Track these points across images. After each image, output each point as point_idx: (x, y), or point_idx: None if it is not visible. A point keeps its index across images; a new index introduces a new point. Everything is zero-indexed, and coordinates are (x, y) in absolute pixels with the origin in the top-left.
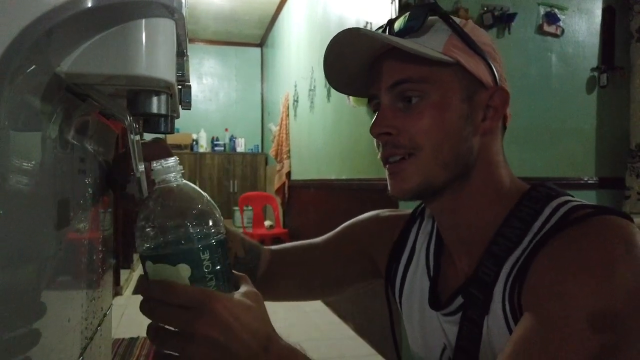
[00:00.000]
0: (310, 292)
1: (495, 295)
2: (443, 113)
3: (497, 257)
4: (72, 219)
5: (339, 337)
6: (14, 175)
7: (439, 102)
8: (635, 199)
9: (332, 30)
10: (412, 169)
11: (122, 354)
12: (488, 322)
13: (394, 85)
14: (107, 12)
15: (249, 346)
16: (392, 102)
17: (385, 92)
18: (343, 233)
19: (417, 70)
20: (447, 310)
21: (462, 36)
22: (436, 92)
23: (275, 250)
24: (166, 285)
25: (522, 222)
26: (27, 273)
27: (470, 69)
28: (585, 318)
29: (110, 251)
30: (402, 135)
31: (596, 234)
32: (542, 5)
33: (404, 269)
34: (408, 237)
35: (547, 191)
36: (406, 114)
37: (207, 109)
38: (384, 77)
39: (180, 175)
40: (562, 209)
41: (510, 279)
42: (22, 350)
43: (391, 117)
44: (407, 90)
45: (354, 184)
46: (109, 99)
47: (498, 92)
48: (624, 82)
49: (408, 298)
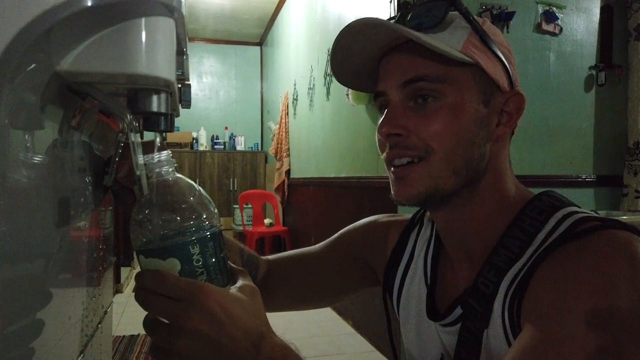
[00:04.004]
0: (308, 301)
1: (495, 308)
2: (458, 116)
3: (497, 268)
4: (73, 217)
5: (338, 333)
6: (14, 173)
7: (455, 104)
8: (632, 197)
9: (331, 29)
10: (421, 174)
11: (123, 351)
12: (488, 334)
13: (407, 82)
14: (107, 11)
15: (239, 342)
16: (403, 100)
17: (396, 89)
18: (340, 240)
19: (433, 69)
20: (446, 321)
21: (481, 35)
22: (452, 93)
23: (272, 261)
24: (157, 275)
25: (525, 233)
26: (28, 271)
27: (489, 71)
28: (586, 337)
29: (111, 249)
30: (412, 137)
31: (600, 250)
32: (540, 3)
33: (402, 276)
34: (407, 243)
35: (551, 201)
36: (418, 114)
37: (207, 107)
38: (396, 74)
39: (172, 169)
40: (567, 221)
41: (510, 292)
42: (24, 347)
43: (402, 117)
44: (421, 89)
45: (353, 181)
46: (109, 97)
47: (514, 97)
48: (622, 80)
49: (405, 306)
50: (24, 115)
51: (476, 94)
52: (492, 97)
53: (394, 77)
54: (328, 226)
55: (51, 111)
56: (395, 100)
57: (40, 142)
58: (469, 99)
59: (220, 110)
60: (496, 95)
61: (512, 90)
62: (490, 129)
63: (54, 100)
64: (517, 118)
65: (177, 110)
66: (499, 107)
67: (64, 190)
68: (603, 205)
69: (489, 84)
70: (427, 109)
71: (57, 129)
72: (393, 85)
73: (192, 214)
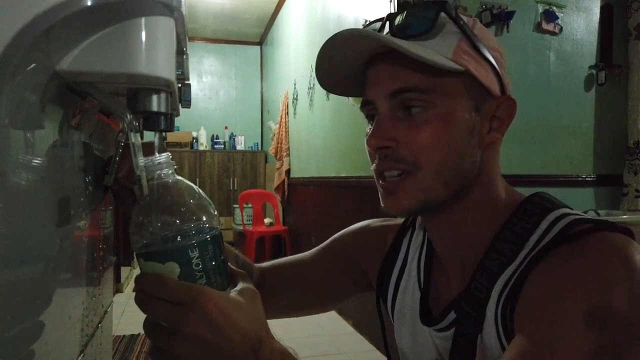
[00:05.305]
0: (303, 308)
1: (488, 313)
2: (449, 127)
3: (490, 272)
4: (73, 217)
5: (338, 333)
6: (14, 173)
7: (445, 114)
8: (632, 196)
9: (330, 29)
10: (410, 188)
11: (123, 350)
12: (482, 339)
13: (396, 93)
14: (107, 10)
15: (237, 346)
16: (391, 110)
17: (384, 99)
18: (332, 246)
19: (423, 79)
20: (440, 326)
21: (472, 40)
22: (442, 102)
23: (265, 268)
24: (157, 279)
25: (517, 237)
26: (28, 271)
27: (480, 78)
28: (582, 339)
29: (111, 249)
30: (402, 149)
31: (594, 253)
32: (540, 3)
33: (396, 281)
34: (400, 248)
35: (543, 203)
36: (407, 125)
37: (207, 107)
38: (384, 83)
39: (172, 171)
40: (559, 223)
41: (503, 296)
42: (24, 347)
43: (391, 129)
44: (410, 99)
45: (353, 181)
46: (109, 97)
47: (506, 102)
48: (622, 80)
49: (400, 311)
50: (24, 114)
51: (467, 102)
52: (484, 103)
53: (382, 87)
54: (328, 226)
55: (51, 111)
56: (383, 111)
57: (40, 142)
58: (460, 107)
59: (220, 109)
60: (487, 100)
61: (504, 95)
62: (481, 136)
63: (54, 100)
64: (509, 123)
65: (177, 109)
66: (490, 113)
67: (64, 190)
68: (603, 205)
69: (480, 90)
70: (416, 120)
71: (57, 129)
72: (381, 95)
73: (192, 216)
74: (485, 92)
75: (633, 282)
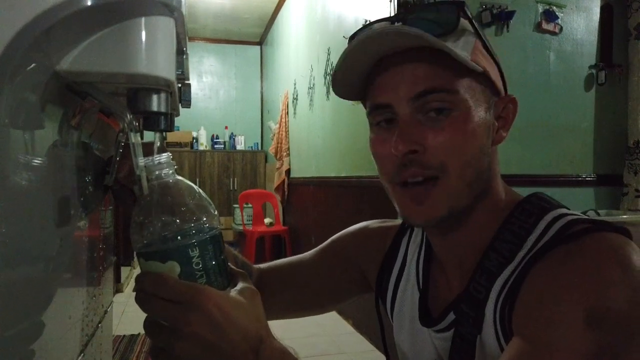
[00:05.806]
0: (302, 309)
1: (487, 314)
2: (472, 127)
3: (489, 272)
4: (73, 217)
5: (338, 333)
6: (14, 173)
7: (468, 115)
8: (632, 196)
9: (331, 29)
10: (441, 195)
11: (123, 350)
12: (481, 340)
13: (420, 95)
14: (107, 10)
15: (238, 346)
16: (412, 113)
17: (406, 102)
18: (331, 247)
19: (446, 79)
20: (439, 327)
21: (484, 41)
22: (464, 103)
23: (264, 269)
24: (157, 278)
25: (516, 237)
26: (28, 271)
27: (493, 78)
28: (580, 340)
29: (111, 248)
30: (428, 153)
31: (591, 253)
32: (540, 3)
33: (395, 282)
34: (399, 249)
35: (540, 203)
36: (432, 128)
37: (207, 107)
38: (405, 85)
39: (172, 171)
40: (557, 224)
41: (501, 297)
42: (24, 347)
43: (417, 133)
44: (436, 101)
45: (353, 181)
46: (109, 97)
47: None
48: (622, 80)
49: (399, 312)
50: (24, 115)
51: (484, 102)
52: (493, 102)
53: (402, 89)
54: (328, 226)
55: (51, 111)
56: (406, 114)
57: (40, 142)
58: (480, 107)
59: (220, 109)
60: (495, 100)
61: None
62: (493, 135)
63: (54, 100)
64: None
65: (177, 109)
66: (497, 112)
67: (64, 190)
68: (603, 205)
69: (491, 90)
70: (441, 123)
71: (57, 129)
72: (402, 98)
73: (192, 216)
74: (494, 92)
75: (630, 282)
